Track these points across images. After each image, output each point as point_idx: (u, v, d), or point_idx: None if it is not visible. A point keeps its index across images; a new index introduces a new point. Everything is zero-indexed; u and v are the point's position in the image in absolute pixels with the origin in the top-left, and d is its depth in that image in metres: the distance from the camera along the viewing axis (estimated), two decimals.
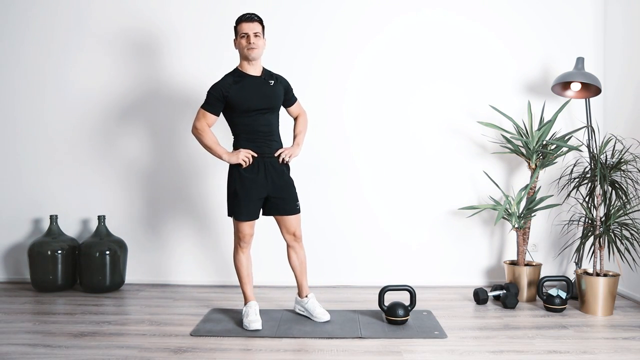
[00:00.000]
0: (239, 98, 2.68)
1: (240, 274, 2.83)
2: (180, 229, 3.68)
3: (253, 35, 2.66)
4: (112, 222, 3.63)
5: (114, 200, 3.68)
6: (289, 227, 2.86)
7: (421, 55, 3.64)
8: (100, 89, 3.67)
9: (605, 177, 3.02)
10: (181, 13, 3.62)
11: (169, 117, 3.66)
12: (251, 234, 2.80)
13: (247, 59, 2.71)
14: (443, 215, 3.66)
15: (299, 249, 2.93)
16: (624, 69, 3.42)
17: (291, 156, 2.79)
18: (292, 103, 2.93)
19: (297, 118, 2.97)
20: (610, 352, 2.41)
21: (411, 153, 3.65)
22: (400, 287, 2.86)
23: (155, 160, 3.67)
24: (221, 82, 2.72)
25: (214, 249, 3.67)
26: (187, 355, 2.37)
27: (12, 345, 2.46)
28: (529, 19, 3.63)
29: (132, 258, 3.65)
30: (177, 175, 3.67)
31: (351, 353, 2.40)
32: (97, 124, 3.68)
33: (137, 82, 3.66)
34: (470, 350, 2.43)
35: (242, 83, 2.70)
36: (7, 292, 3.47)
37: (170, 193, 3.68)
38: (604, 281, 2.96)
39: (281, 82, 2.83)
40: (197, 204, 3.67)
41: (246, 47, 2.67)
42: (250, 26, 2.67)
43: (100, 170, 3.68)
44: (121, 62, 3.66)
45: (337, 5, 3.63)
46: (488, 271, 3.68)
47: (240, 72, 2.75)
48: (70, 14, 3.66)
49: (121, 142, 3.68)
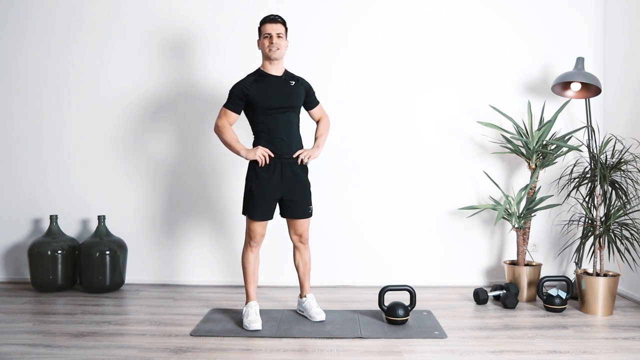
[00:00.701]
0: (258, 96, 2.72)
1: (246, 272, 2.84)
2: (180, 229, 3.68)
3: (276, 36, 2.72)
4: (112, 222, 3.63)
5: (113, 200, 3.68)
6: (297, 229, 2.88)
7: (421, 56, 3.64)
8: (100, 88, 3.67)
9: (605, 177, 3.02)
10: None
11: (169, 118, 3.66)
12: (262, 234, 2.81)
13: (269, 59, 2.77)
14: (443, 215, 3.66)
15: (304, 250, 2.95)
16: (624, 69, 3.42)
17: (310, 157, 2.80)
18: (313, 106, 2.96)
19: (319, 121, 3.00)
20: (610, 352, 2.41)
21: (411, 153, 3.65)
22: (400, 287, 2.86)
23: (155, 160, 3.67)
24: (242, 81, 2.78)
25: (214, 249, 3.67)
26: (187, 355, 2.37)
27: (12, 345, 2.46)
28: (529, 19, 3.63)
29: (132, 258, 3.65)
30: (177, 175, 3.67)
31: (351, 353, 2.40)
32: (97, 124, 3.68)
33: (139, 82, 3.66)
34: (470, 350, 2.43)
35: (262, 82, 2.75)
36: (7, 292, 3.47)
37: (171, 193, 3.68)
38: (604, 281, 2.96)
39: (302, 84, 2.88)
40: (197, 204, 3.67)
41: (269, 47, 2.72)
42: (274, 27, 2.73)
43: (101, 170, 3.68)
44: (121, 62, 3.67)
45: (337, 6, 3.63)
46: (488, 271, 3.68)
47: (261, 71, 2.80)
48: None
49: (121, 143, 3.68)
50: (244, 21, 3.56)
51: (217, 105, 3.58)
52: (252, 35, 3.04)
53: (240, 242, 3.58)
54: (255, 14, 3.22)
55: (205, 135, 3.63)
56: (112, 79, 3.67)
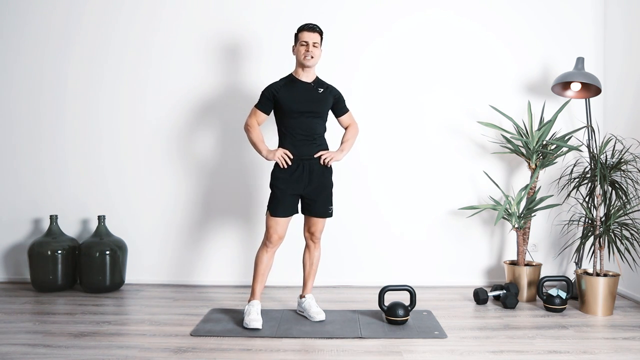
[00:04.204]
0: (286, 99, 2.80)
1: (257, 270, 2.85)
2: (180, 229, 3.68)
3: (312, 45, 2.79)
4: (112, 222, 3.63)
5: (114, 200, 3.68)
6: (311, 227, 2.93)
7: (421, 56, 3.64)
8: (99, 88, 3.67)
9: (605, 177, 3.02)
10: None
11: (169, 118, 3.66)
12: (280, 235, 2.82)
13: (302, 66, 2.84)
14: (443, 215, 3.66)
15: (314, 250, 2.99)
16: (624, 69, 3.42)
17: (332, 159, 2.85)
18: (342, 113, 3.02)
19: (347, 128, 3.06)
20: (610, 352, 2.41)
21: (412, 153, 3.66)
22: (400, 287, 2.86)
23: (154, 160, 3.67)
24: (273, 84, 2.87)
25: (215, 249, 3.67)
26: (187, 355, 2.37)
27: (12, 345, 2.46)
28: (529, 19, 3.63)
29: (132, 258, 3.65)
30: (177, 175, 3.67)
31: (351, 353, 2.40)
32: (97, 124, 3.68)
33: (138, 83, 3.66)
34: (470, 350, 2.43)
35: (291, 86, 2.84)
36: (7, 292, 3.47)
37: (171, 193, 3.67)
38: (604, 281, 2.96)
39: (331, 91, 2.93)
40: (197, 204, 3.67)
41: (304, 55, 2.79)
42: (311, 36, 2.80)
43: (101, 170, 3.68)
44: (121, 62, 3.67)
45: (338, 6, 3.63)
46: (488, 271, 3.68)
47: (293, 77, 2.88)
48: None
49: (121, 143, 3.68)
50: (245, 26, 3.56)
51: (209, 107, 3.61)
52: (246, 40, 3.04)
53: (242, 242, 3.61)
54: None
55: (206, 135, 3.63)
56: (112, 79, 3.67)
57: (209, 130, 3.64)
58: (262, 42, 3.62)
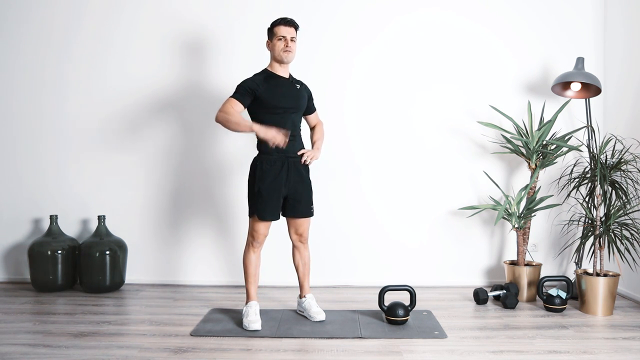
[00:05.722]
0: (269, 95, 2.72)
1: (248, 272, 2.84)
2: (180, 229, 3.68)
3: (290, 40, 2.74)
4: (112, 222, 3.63)
5: (114, 200, 3.68)
6: (297, 228, 2.90)
7: (421, 56, 3.64)
8: (100, 88, 3.67)
9: (605, 177, 3.02)
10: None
11: (169, 118, 3.66)
12: (266, 235, 2.82)
13: (279, 61, 2.78)
14: (443, 215, 3.66)
15: (304, 250, 2.96)
16: (624, 69, 3.42)
17: (312, 158, 2.84)
18: (312, 112, 3.01)
19: (314, 127, 3.05)
20: (610, 352, 2.41)
21: (411, 153, 3.66)
22: (400, 287, 2.86)
23: (155, 160, 3.67)
24: (252, 77, 2.77)
25: (215, 249, 3.67)
26: (187, 355, 2.37)
27: (12, 345, 2.46)
28: (529, 19, 3.63)
29: (132, 258, 3.65)
30: (177, 176, 3.67)
31: (351, 353, 2.40)
32: (98, 124, 3.68)
33: (140, 83, 3.66)
34: (470, 350, 2.43)
35: (272, 82, 2.77)
36: (7, 292, 3.47)
37: (171, 193, 3.68)
38: (604, 281, 2.96)
39: (305, 88, 2.92)
40: (197, 204, 3.67)
41: (283, 50, 2.73)
42: (289, 30, 2.75)
43: (101, 170, 3.68)
44: (122, 62, 3.67)
45: (336, 5, 3.63)
46: (488, 271, 3.68)
47: (269, 72, 2.81)
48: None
49: (120, 143, 3.68)
50: (243, 23, 3.57)
51: (209, 107, 3.59)
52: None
53: (241, 242, 3.60)
54: (254, 15, 3.22)
55: (207, 135, 3.63)
56: (113, 79, 3.67)
57: (209, 130, 3.64)
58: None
